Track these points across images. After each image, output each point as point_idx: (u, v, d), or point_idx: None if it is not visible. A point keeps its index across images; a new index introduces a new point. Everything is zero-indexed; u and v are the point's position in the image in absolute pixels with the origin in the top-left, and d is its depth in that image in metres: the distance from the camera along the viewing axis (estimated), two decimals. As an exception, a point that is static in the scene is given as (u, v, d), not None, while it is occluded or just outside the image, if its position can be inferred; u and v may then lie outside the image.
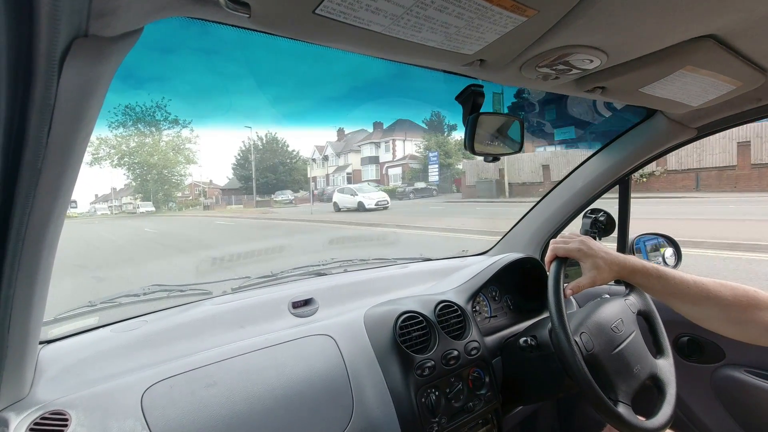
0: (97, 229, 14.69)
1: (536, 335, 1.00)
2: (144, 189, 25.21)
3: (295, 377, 0.83)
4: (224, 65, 13.63)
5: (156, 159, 23.80)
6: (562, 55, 0.64)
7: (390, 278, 1.31)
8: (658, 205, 10.67)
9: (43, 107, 0.39)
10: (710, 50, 0.66)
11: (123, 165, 23.74)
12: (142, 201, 25.66)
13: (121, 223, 18.91)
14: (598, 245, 0.89)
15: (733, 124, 1.12)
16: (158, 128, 23.51)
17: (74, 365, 0.77)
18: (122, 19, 0.38)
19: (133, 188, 26.52)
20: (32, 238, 0.50)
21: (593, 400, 0.83)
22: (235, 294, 1.12)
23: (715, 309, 0.77)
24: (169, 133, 24.10)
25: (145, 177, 24.75)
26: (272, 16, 0.47)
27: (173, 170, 25.26)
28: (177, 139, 24.46)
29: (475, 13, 0.48)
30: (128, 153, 23.28)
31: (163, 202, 25.57)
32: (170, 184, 25.49)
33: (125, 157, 23.34)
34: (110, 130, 21.76)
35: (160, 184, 24.75)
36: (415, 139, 28.91)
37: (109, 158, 22.72)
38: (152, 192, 24.92)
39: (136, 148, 23.33)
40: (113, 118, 21.43)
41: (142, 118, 22.96)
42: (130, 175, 25.05)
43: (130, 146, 23.29)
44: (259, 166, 31.06)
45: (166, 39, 28.28)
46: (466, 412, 0.95)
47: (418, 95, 31.57)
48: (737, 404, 1.22)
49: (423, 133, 28.71)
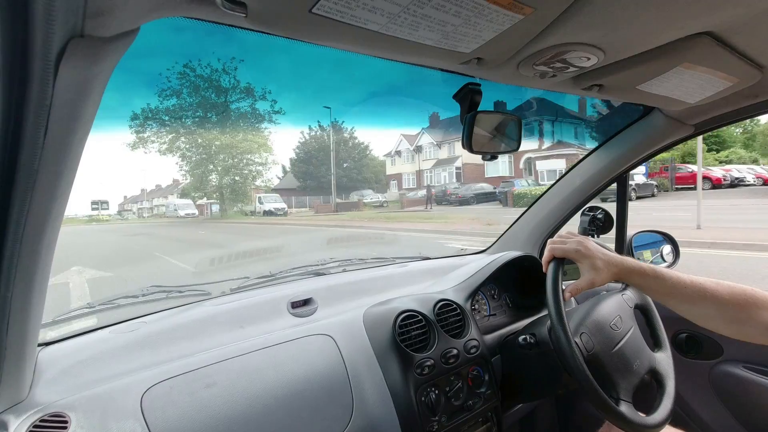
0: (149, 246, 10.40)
1: (535, 333, 1.00)
2: (203, 184, 18.84)
3: (294, 377, 0.83)
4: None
5: (226, 141, 17.66)
6: (559, 52, 0.64)
7: (389, 277, 1.31)
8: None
9: (40, 108, 0.39)
10: (707, 47, 0.66)
11: (175, 151, 17.29)
12: (204, 201, 19.44)
13: (172, 235, 13.41)
14: (595, 246, 0.89)
15: (730, 121, 1.13)
16: (227, 98, 17.33)
17: (73, 367, 0.77)
18: (118, 19, 0.38)
19: (189, 184, 20.25)
20: (30, 239, 0.49)
21: (595, 400, 0.83)
22: (234, 294, 1.12)
23: (713, 308, 0.78)
24: (241, 106, 17.76)
25: (207, 167, 18.32)
26: (269, 16, 0.47)
27: (249, 157, 18.83)
28: (253, 116, 17.96)
29: (472, 11, 0.49)
30: (188, 132, 17.04)
31: (231, 202, 19.33)
32: (242, 177, 18.99)
33: (180, 138, 17.07)
34: (160, 101, 16.16)
35: (233, 175, 18.49)
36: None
37: (158, 139, 16.72)
38: (218, 188, 18.53)
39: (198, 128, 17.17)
40: (165, 83, 16.07)
41: (204, 84, 16.73)
42: (184, 165, 18.45)
43: (185, 123, 17.07)
44: (324, 161, 24.66)
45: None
46: (466, 411, 0.95)
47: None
48: (735, 400, 1.22)
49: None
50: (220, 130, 17.80)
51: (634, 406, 0.87)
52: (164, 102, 16.57)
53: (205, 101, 17.37)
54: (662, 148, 1.26)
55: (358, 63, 34.16)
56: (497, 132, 0.87)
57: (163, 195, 31.02)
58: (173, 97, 16.58)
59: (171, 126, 16.92)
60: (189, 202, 20.31)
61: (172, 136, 16.87)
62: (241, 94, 17.74)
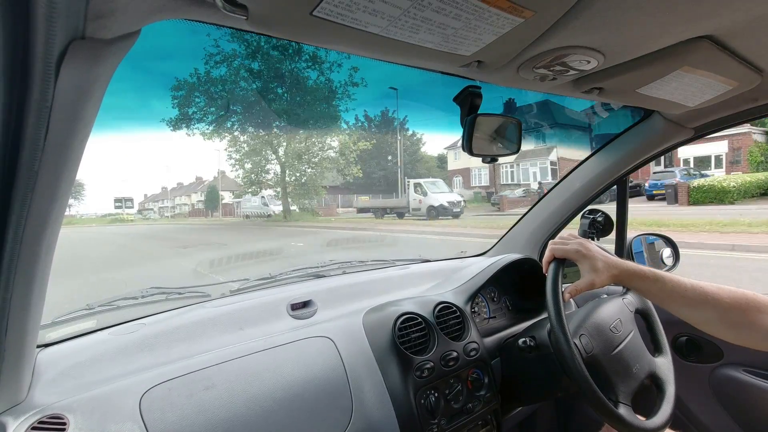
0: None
1: (535, 336, 1.00)
2: (257, 175, 14.44)
3: (294, 379, 0.83)
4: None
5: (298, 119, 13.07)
6: (559, 56, 0.64)
7: (389, 279, 1.31)
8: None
9: (40, 109, 0.39)
10: (707, 51, 0.66)
11: (225, 132, 13.00)
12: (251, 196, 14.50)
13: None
14: (596, 248, 0.89)
15: (729, 124, 1.13)
16: (293, 64, 12.95)
17: (72, 368, 0.77)
18: (119, 22, 0.38)
19: (244, 175, 15.12)
20: (30, 240, 0.49)
21: (594, 402, 0.83)
22: (233, 296, 1.11)
23: (714, 312, 0.77)
24: (312, 75, 13.31)
25: (265, 154, 13.77)
26: (270, 18, 0.47)
27: (328, 141, 14.37)
28: (327, 88, 13.30)
29: (472, 14, 0.49)
30: (247, 105, 12.71)
31: (298, 198, 14.81)
32: (312, 167, 14.47)
33: (232, 117, 12.75)
34: (208, 67, 11.99)
35: (304, 164, 14.05)
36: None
37: (203, 115, 12.25)
38: (281, 181, 14.17)
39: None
40: (214, 48, 11.98)
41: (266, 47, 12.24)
42: (233, 154, 14.12)
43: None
44: (375, 155, 19.29)
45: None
46: (466, 413, 0.95)
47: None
48: (736, 404, 1.22)
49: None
50: (286, 104, 13.50)
51: (633, 409, 0.87)
52: (214, 70, 12.40)
53: (268, 71, 13.22)
54: (662, 151, 1.26)
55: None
56: (497, 135, 0.87)
57: (185, 193, 29.66)
58: (222, 64, 12.40)
59: (221, 99, 12.66)
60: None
61: (220, 114, 12.67)
62: (309, 62, 13.43)
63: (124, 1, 0.36)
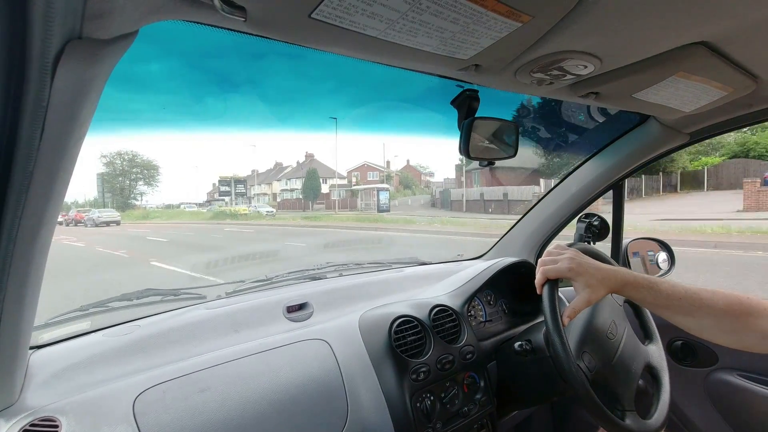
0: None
1: (531, 339, 1.00)
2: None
3: (289, 382, 0.82)
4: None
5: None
6: (556, 60, 0.65)
7: (385, 282, 1.30)
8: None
9: (36, 109, 0.38)
10: (702, 57, 0.67)
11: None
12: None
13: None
14: (587, 260, 0.87)
15: (725, 130, 1.14)
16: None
17: (65, 370, 0.76)
18: (117, 22, 0.38)
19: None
20: (24, 241, 0.49)
21: (605, 424, 0.83)
22: (229, 298, 1.11)
23: (709, 318, 0.77)
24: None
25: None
26: (268, 20, 0.47)
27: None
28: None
29: (470, 18, 0.49)
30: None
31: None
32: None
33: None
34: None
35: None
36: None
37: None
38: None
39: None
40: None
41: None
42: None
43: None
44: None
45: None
46: (462, 417, 0.95)
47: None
48: (730, 408, 1.23)
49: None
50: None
51: (636, 410, 0.88)
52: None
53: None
54: (657, 156, 1.27)
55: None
56: (495, 138, 0.87)
57: (266, 181, 27.02)
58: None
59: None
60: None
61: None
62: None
63: (122, 2, 0.36)
